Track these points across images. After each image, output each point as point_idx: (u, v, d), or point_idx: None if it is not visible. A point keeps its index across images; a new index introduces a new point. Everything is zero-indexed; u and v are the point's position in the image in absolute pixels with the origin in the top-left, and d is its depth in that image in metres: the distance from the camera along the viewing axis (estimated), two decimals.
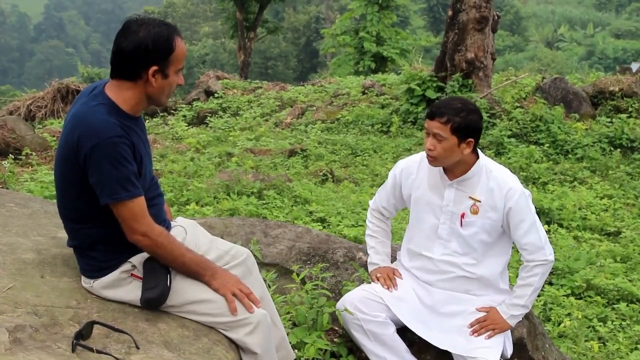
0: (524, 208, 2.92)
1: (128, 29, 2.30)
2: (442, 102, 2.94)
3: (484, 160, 3.00)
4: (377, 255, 3.27)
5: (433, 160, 2.93)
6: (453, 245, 3.01)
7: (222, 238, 3.03)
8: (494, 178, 2.95)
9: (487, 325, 2.95)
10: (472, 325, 2.96)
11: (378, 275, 3.16)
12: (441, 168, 3.00)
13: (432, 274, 3.07)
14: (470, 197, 2.96)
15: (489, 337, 2.93)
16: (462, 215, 2.97)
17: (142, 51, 2.27)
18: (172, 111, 13.83)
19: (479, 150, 3.00)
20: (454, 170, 2.98)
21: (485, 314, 2.98)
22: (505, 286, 3.11)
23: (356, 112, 11.83)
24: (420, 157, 3.14)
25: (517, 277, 3.04)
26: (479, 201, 2.94)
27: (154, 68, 2.30)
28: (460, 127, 2.83)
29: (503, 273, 3.10)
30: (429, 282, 3.09)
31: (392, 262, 3.34)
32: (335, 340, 3.23)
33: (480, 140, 3.04)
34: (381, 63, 22.51)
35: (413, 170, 3.12)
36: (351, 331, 3.08)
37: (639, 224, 7.17)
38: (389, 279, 3.13)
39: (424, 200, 3.06)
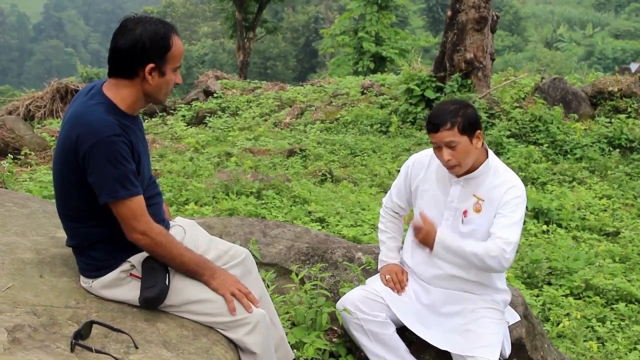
0: (518, 205, 2.90)
1: (125, 27, 2.31)
2: (437, 113, 2.90)
3: (493, 161, 3.00)
4: (388, 251, 3.27)
5: (455, 168, 2.91)
6: None
7: (221, 238, 3.04)
8: (499, 176, 2.96)
9: (418, 233, 2.86)
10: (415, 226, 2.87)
11: (387, 277, 3.15)
12: None
13: (431, 268, 3.07)
14: (474, 195, 2.96)
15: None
16: (464, 213, 2.97)
17: (138, 49, 2.28)
18: (171, 111, 13.83)
19: (488, 150, 3.01)
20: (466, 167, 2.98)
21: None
22: (503, 285, 3.11)
23: (355, 112, 11.83)
24: (433, 152, 3.15)
25: (515, 277, 3.03)
26: (483, 200, 2.95)
27: (151, 65, 2.30)
28: (466, 125, 2.84)
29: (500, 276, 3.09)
30: (428, 279, 3.09)
31: None
32: (334, 340, 3.23)
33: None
34: (380, 63, 22.51)
35: (425, 163, 3.13)
36: (351, 331, 3.08)
37: (638, 224, 7.18)
38: (398, 282, 3.12)
39: (429, 195, 3.07)
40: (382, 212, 3.35)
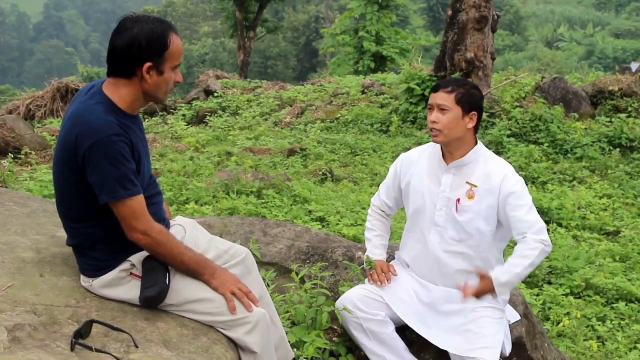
0: (523, 191, 2.93)
1: (123, 26, 2.31)
2: (446, 79, 3.03)
3: (482, 148, 3.03)
4: (373, 248, 3.28)
5: (438, 134, 2.94)
6: (450, 232, 3.00)
7: (221, 237, 3.04)
8: (491, 164, 2.98)
9: (475, 293, 2.90)
10: (464, 289, 2.91)
11: (371, 272, 3.17)
12: (440, 153, 3.02)
13: (429, 265, 3.07)
14: (466, 182, 2.97)
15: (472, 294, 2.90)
16: (458, 200, 2.97)
17: (135, 48, 2.27)
18: (171, 110, 13.83)
19: (478, 139, 3.03)
20: (453, 151, 2.99)
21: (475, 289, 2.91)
22: None
23: (355, 112, 11.83)
24: (422, 147, 3.18)
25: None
26: (475, 186, 2.95)
27: (148, 64, 2.29)
28: (464, 98, 2.90)
29: (499, 264, 3.09)
30: (427, 276, 3.08)
31: (390, 261, 3.34)
32: (334, 339, 3.23)
33: (480, 140, 3.05)
34: (380, 62, 22.49)
35: (413, 159, 3.15)
36: (350, 330, 3.08)
37: (638, 224, 7.18)
38: (383, 273, 3.13)
39: (421, 187, 3.07)
40: (370, 211, 3.37)
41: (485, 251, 3.02)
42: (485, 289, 2.89)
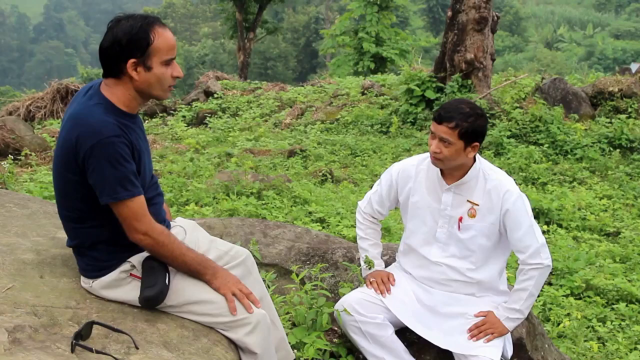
0: (521, 210, 2.90)
1: (109, 27, 2.31)
2: (450, 106, 2.88)
3: (481, 164, 2.99)
4: (372, 259, 3.25)
5: (438, 161, 2.91)
6: (452, 249, 3.00)
7: (221, 238, 3.03)
8: (491, 180, 2.94)
9: (486, 330, 2.94)
10: (470, 330, 2.96)
11: (371, 279, 3.15)
12: (439, 172, 2.99)
13: (431, 273, 3.07)
14: (468, 201, 2.95)
15: (488, 340, 2.92)
16: (460, 219, 2.96)
17: (116, 46, 2.26)
18: (171, 111, 13.84)
19: (477, 154, 3.01)
20: (453, 173, 2.96)
21: (483, 317, 2.97)
22: (504, 287, 3.10)
23: (355, 113, 11.84)
24: (418, 160, 3.12)
25: (516, 277, 3.03)
26: (477, 205, 2.93)
27: (132, 61, 2.28)
28: (468, 132, 2.81)
29: (502, 274, 3.09)
30: (425, 280, 3.08)
31: (391, 264, 3.34)
32: (335, 340, 3.23)
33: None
34: (380, 63, 22.52)
35: (411, 174, 3.09)
36: (349, 333, 3.07)
37: (638, 224, 7.18)
38: (383, 283, 3.12)
39: (422, 204, 3.05)
40: (360, 218, 3.31)
41: (487, 263, 3.02)
42: (495, 328, 2.95)
